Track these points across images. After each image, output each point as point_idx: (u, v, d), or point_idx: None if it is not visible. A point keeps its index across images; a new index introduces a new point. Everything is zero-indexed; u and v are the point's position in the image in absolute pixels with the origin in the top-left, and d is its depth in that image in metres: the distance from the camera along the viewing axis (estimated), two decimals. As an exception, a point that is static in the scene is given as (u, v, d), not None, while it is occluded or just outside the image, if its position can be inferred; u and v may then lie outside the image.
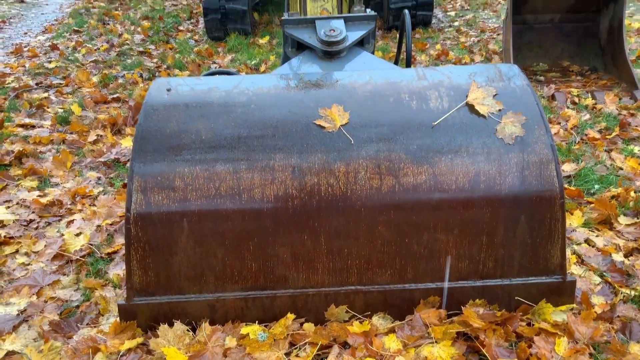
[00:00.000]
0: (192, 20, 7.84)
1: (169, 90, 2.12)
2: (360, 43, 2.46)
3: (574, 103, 4.19)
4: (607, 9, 4.81)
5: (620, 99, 4.19)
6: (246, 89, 2.14)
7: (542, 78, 4.77)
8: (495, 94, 2.05)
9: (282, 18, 2.43)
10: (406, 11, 2.53)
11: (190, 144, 1.98)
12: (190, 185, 1.92)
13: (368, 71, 2.21)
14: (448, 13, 7.87)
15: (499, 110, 2.01)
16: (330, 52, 2.36)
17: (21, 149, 3.53)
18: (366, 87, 2.13)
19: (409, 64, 2.59)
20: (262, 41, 6.59)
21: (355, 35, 2.41)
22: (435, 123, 1.98)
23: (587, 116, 3.94)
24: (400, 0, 6.73)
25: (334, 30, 2.35)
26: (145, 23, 7.56)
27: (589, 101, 4.15)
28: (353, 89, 2.12)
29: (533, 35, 5.15)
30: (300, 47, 2.50)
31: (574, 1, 4.87)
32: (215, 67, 5.78)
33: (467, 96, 2.05)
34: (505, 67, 2.18)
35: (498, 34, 6.54)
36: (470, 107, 2.02)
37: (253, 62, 5.82)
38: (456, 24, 7.26)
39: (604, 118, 3.87)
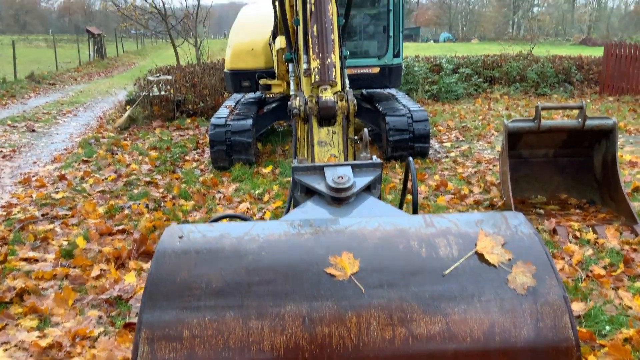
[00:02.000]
0: (198, 150, 8.13)
1: (180, 237, 2.15)
2: (367, 188, 2.55)
3: (575, 237, 4.23)
4: (600, 145, 5.01)
5: (621, 233, 4.23)
6: (257, 236, 2.17)
7: (541, 211, 4.86)
8: (504, 243, 2.07)
9: (293, 165, 2.53)
10: (410, 158, 2.64)
11: (200, 292, 1.97)
12: (198, 337, 1.88)
13: (376, 218, 2.26)
14: (444, 144, 8.18)
15: (509, 259, 2.02)
16: (339, 198, 2.43)
17: (23, 286, 3.50)
18: (375, 234, 2.16)
19: (415, 209, 2.66)
20: (266, 170, 6.78)
21: (362, 181, 2.49)
22: (447, 272, 1.99)
23: (590, 251, 3.96)
24: (398, 132, 7.04)
25: (342, 178, 2.43)
26: (153, 153, 7.83)
27: (591, 235, 4.19)
28: (362, 235, 2.15)
29: (529, 169, 5.32)
30: (309, 192, 2.57)
31: (567, 137, 5.08)
32: (220, 197, 5.89)
33: (475, 244, 2.07)
34: (511, 215, 2.22)
35: (494, 165, 6.75)
36: (480, 256, 2.04)
37: (257, 192, 5.95)
38: (452, 154, 7.52)
39: (607, 254, 3.89)
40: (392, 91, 8.79)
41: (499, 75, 14.41)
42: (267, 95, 8.30)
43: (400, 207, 2.96)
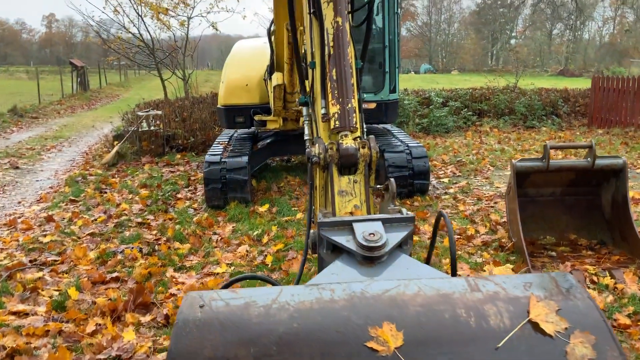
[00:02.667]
0: (190, 188, 7.89)
1: (202, 306, 1.95)
2: (399, 245, 2.37)
3: (593, 282, 4.08)
4: (609, 183, 4.91)
5: (639, 277, 4.09)
6: (286, 304, 1.97)
7: (553, 253, 4.71)
8: (558, 309, 1.90)
9: (319, 220, 2.35)
10: (443, 211, 2.48)
11: (228, 374, 1.76)
12: None
13: (415, 280, 2.07)
14: (441, 180, 8.07)
15: (565, 328, 1.85)
16: (371, 257, 2.25)
17: (14, 345, 3.23)
18: (416, 299, 1.97)
19: (454, 271, 2.48)
20: (262, 209, 6.57)
21: (395, 238, 2.32)
22: (500, 345, 1.80)
23: (611, 297, 3.81)
24: (397, 169, 6.90)
25: (374, 235, 2.26)
26: (144, 191, 7.57)
27: (609, 280, 4.05)
28: (403, 302, 1.97)
29: (536, 208, 5.19)
30: (336, 248, 2.39)
31: (574, 176, 4.98)
32: (217, 239, 5.66)
33: (528, 312, 1.90)
34: (560, 277, 2.06)
35: (495, 202, 6.64)
36: (534, 325, 1.86)
37: (255, 233, 5.73)
38: (451, 191, 7.40)
39: (630, 301, 3.74)
40: (387, 126, 8.70)
41: (487, 108, 14.48)
42: (261, 130, 8.14)
43: (427, 262, 2.78)
